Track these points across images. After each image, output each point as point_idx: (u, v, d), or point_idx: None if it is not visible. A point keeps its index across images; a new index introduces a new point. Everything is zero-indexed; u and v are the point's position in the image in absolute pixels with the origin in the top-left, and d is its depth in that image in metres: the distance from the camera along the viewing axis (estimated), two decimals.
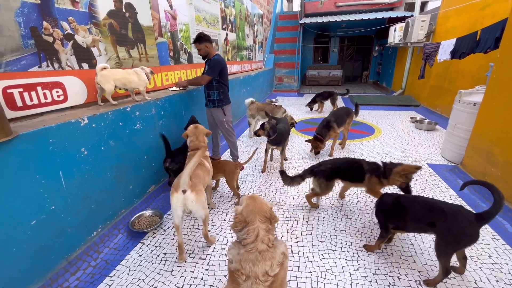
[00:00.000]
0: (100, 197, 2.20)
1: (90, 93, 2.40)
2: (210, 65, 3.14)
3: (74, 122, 1.93)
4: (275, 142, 3.35)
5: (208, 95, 3.31)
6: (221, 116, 3.39)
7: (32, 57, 1.91)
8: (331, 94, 6.88)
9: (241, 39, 6.90)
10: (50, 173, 1.77)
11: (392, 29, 8.49)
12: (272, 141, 3.34)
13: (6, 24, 1.73)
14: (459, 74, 5.35)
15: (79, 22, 2.25)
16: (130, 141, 2.51)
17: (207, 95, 3.33)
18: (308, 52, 13.57)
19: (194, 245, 2.24)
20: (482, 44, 3.81)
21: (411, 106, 7.10)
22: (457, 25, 5.64)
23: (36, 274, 1.71)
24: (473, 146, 3.11)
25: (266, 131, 3.28)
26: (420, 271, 1.90)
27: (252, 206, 1.33)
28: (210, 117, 3.52)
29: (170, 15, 3.57)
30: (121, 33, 2.72)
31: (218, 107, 3.34)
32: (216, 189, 3.10)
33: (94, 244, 2.14)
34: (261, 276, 1.18)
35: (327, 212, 2.63)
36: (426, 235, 2.24)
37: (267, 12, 10.25)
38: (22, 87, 1.84)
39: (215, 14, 5.11)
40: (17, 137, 1.55)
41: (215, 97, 3.29)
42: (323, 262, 2.01)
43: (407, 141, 4.56)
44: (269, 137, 3.31)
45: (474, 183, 1.90)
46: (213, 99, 3.30)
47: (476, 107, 3.19)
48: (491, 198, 1.59)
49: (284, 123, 3.67)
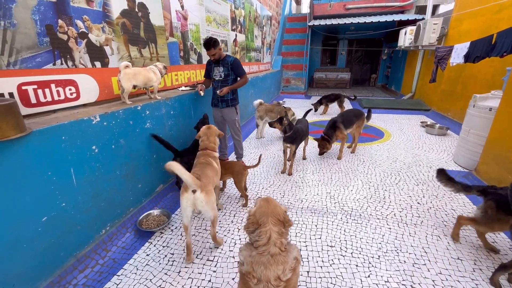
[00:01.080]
0: (110, 195, 2.20)
1: (101, 91, 2.41)
2: (238, 65, 3.22)
3: (86, 119, 1.94)
4: (290, 139, 3.33)
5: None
6: (234, 115, 3.43)
7: (47, 54, 1.93)
8: (338, 97, 6.81)
9: (250, 41, 6.90)
10: (61, 170, 1.77)
11: (403, 32, 8.37)
12: (287, 138, 3.33)
13: (23, 21, 1.75)
14: (473, 78, 5.23)
15: (93, 21, 2.27)
16: (140, 140, 2.51)
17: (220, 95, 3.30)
18: (316, 54, 13.50)
19: (201, 246, 2.22)
20: (498, 48, 3.70)
21: (421, 110, 6.97)
22: (471, 28, 5.52)
23: (45, 271, 1.72)
24: (488, 152, 3.02)
25: (284, 126, 3.27)
26: (434, 280, 1.84)
27: (265, 208, 1.31)
28: (220, 117, 3.51)
29: (181, 15, 3.59)
30: (133, 33, 2.73)
31: (231, 106, 3.37)
32: (224, 190, 3.08)
33: (103, 242, 2.14)
34: (273, 281, 1.15)
35: (336, 216, 2.58)
36: (440, 243, 2.17)
37: (276, 14, 10.26)
38: (37, 84, 1.86)
39: (225, 15, 5.12)
40: (31, 134, 1.55)
41: (229, 97, 3.31)
42: (333, 268, 1.96)
43: (418, 146, 4.47)
44: (285, 133, 3.31)
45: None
46: (226, 99, 3.31)
47: (492, 112, 3.10)
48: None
49: (303, 124, 3.64)
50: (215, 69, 3.25)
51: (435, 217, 2.52)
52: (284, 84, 10.77)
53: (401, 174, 3.44)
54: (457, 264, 1.97)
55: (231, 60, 3.19)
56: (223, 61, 3.19)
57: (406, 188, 3.08)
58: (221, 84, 3.25)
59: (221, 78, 3.24)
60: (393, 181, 3.24)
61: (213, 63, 3.26)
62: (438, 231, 2.33)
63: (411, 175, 3.40)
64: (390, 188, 3.09)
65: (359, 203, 2.79)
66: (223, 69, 3.21)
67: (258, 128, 5.00)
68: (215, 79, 3.29)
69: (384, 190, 3.05)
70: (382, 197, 2.89)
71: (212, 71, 3.29)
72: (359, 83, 13.84)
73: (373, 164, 3.75)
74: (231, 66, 3.19)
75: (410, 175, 3.40)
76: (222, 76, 3.23)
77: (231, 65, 3.19)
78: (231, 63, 3.18)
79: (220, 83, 3.25)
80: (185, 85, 3.79)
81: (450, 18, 6.50)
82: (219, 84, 3.26)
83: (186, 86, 3.75)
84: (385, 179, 3.30)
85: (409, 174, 3.42)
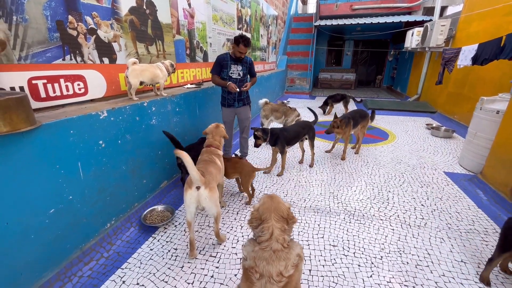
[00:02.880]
0: (115, 189, 2.23)
1: (109, 87, 2.44)
2: (253, 65, 3.34)
3: (94, 114, 1.97)
4: (272, 143, 3.34)
5: (239, 94, 3.27)
6: (249, 113, 3.49)
7: (57, 49, 1.96)
8: (344, 97, 6.79)
9: (256, 40, 6.91)
10: (69, 163, 1.81)
11: (409, 34, 8.31)
12: (270, 142, 3.34)
13: (35, 16, 1.78)
14: (480, 81, 5.17)
15: (102, 17, 2.30)
16: (145, 136, 2.54)
17: (238, 94, 3.26)
18: (321, 54, 13.45)
19: (204, 242, 2.24)
20: (507, 50, 3.66)
21: (427, 113, 6.91)
22: (480, 30, 5.45)
23: (51, 262, 1.75)
24: (495, 155, 2.99)
25: (261, 138, 3.27)
26: (437, 282, 1.83)
27: (268, 204, 1.32)
28: (231, 117, 3.44)
29: (188, 13, 3.61)
30: (141, 30, 2.76)
31: (247, 105, 3.43)
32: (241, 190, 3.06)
33: (107, 235, 2.17)
34: (275, 276, 1.16)
35: (339, 216, 2.58)
36: (443, 245, 2.16)
37: (282, 14, 10.24)
38: (46, 79, 1.89)
39: (231, 14, 5.14)
40: (41, 127, 1.58)
41: (244, 96, 3.36)
42: (335, 267, 1.96)
43: (423, 148, 4.44)
44: (265, 141, 3.31)
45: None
46: (243, 98, 3.34)
47: (499, 115, 3.07)
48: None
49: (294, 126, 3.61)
50: (233, 67, 3.16)
51: (439, 219, 2.51)
52: (289, 84, 10.75)
53: (405, 175, 3.42)
54: (461, 267, 1.96)
55: (249, 60, 3.27)
56: (242, 60, 3.19)
57: (410, 189, 3.06)
58: (238, 83, 3.22)
59: (239, 77, 3.22)
60: (397, 183, 3.23)
61: (230, 60, 3.15)
62: (442, 233, 2.32)
63: (415, 177, 3.38)
64: (394, 189, 3.07)
65: (362, 204, 2.78)
66: (241, 68, 3.20)
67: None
68: (231, 77, 3.18)
69: (388, 191, 3.03)
70: (386, 198, 2.88)
71: (228, 69, 3.15)
72: (364, 84, 13.76)
73: (377, 165, 3.74)
74: (249, 66, 3.27)
75: (415, 177, 3.38)
76: (241, 74, 3.23)
77: (249, 65, 3.27)
78: (249, 63, 3.26)
79: (238, 82, 3.21)
80: (191, 83, 3.81)
81: (458, 20, 6.43)
82: (236, 82, 3.19)
83: (191, 84, 3.77)
84: (389, 181, 3.28)
85: (413, 176, 3.40)
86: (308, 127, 3.59)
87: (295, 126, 3.62)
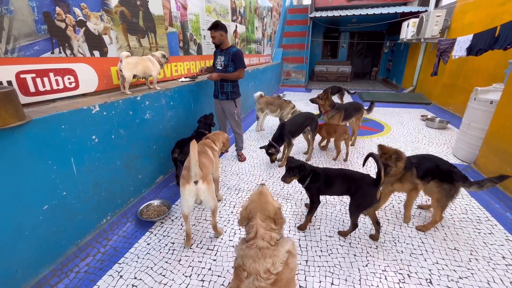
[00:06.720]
0: (110, 185, 2.21)
1: (101, 81, 2.39)
2: (239, 57, 3.13)
3: (86, 109, 1.93)
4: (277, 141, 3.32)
5: (221, 86, 3.27)
6: (233, 108, 3.40)
7: (45, 42, 1.91)
8: (340, 89, 6.80)
9: (250, 32, 6.81)
10: (62, 159, 1.78)
11: (405, 25, 8.27)
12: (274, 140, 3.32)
13: (20, 8, 1.72)
14: (475, 72, 5.19)
15: (91, 8, 2.23)
16: (139, 131, 2.51)
17: (220, 87, 3.29)
18: (317, 47, 13.34)
19: (201, 235, 2.24)
20: (501, 41, 3.66)
21: (422, 104, 6.94)
22: (474, 20, 5.45)
23: (47, 258, 1.74)
24: (488, 145, 3.02)
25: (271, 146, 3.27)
26: (431, 269, 1.87)
27: (256, 204, 1.33)
28: (220, 109, 3.49)
29: (180, 4, 3.53)
30: (132, 22, 2.69)
31: (231, 100, 3.34)
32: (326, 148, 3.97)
33: (104, 231, 2.16)
34: (263, 273, 1.16)
35: (335, 207, 2.60)
36: (437, 234, 2.20)
37: (277, 5, 10.08)
38: (35, 73, 1.84)
39: (225, 5, 5.04)
40: (31, 122, 1.55)
41: (228, 89, 3.28)
42: (331, 257, 1.99)
43: (418, 139, 4.47)
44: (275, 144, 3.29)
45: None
46: (226, 91, 3.28)
47: (493, 105, 3.09)
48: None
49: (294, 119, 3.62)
50: (218, 57, 3.24)
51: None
52: (285, 77, 10.68)
53: None
54: (454, 254, 2.00)
55: (233, 51, 3.13)
56: (226, 51, 3.16)
57: None
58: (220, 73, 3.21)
59: (221, 68, 3.21)
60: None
61: (218, 51, 3.25)
62: None
63: None
64: None
65: None
66: (224, 59, 3.17)
67: (258, 120, 4.98)
68: (216, 67, 3.28)
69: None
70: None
71: (215, 59, 3.27)
72: (360, 76, 13.73)
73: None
74: (232, 56, 3.13)
75: None
76: (223, 65, 3.20)
77: (232, 56, 3.13)
78: (232, 54, 3.13)
79: (220, 72, 3.21)
80: (185, 76, 3.76)
81: (453, 10, 6.40)
82: (218, 72, 3.21)
83: (186, 77, 3.72)
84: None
85: None
86: (310, 119, 3.59)
87: (298, 117, 3.60)
